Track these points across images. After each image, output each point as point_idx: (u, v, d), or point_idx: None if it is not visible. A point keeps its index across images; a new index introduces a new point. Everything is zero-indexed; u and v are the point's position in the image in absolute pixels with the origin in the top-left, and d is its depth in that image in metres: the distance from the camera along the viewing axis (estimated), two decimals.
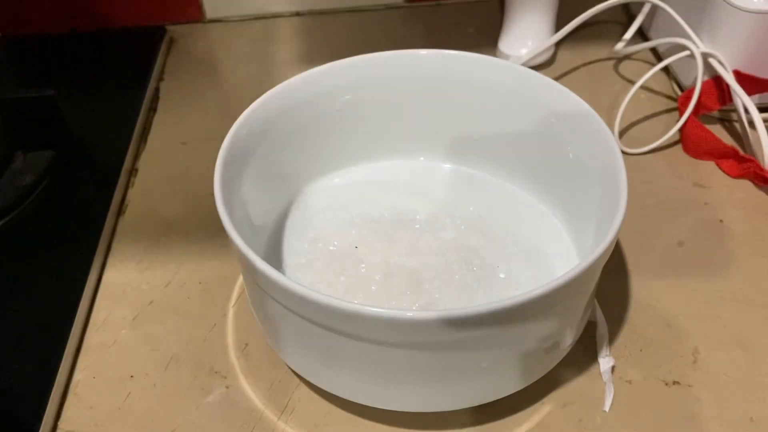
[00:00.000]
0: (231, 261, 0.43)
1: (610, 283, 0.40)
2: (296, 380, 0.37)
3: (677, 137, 0.50)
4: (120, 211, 0.47)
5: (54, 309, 0.40)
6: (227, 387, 0.37)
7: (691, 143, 0.49)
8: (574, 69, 0.57)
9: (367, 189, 0.44)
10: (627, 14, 0.62)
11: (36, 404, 0.35)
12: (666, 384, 0.36)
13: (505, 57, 0.56)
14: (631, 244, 0.43)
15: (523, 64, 0.50)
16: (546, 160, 0.40)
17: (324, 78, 0.40)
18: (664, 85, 0.55)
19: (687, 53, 0.49)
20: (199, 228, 0.46)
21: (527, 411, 0.35)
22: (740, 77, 0.48)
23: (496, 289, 0.37)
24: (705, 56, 0.49)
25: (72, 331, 0.39)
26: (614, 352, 0.37)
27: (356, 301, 0.32)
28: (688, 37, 0.49)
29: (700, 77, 0.48)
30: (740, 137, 0.50)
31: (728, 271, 0.41)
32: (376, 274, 0.38)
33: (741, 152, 0.47)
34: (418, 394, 0.33)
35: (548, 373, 0.34)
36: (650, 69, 0.51)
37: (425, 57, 0.41)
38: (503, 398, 0.34)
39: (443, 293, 0.37)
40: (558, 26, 0.55)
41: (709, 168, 0.48)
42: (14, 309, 0.40)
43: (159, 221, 0.46)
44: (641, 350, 0.37)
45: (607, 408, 0.35)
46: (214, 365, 0.38)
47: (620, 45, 0.56)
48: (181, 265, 0.43)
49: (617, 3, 0.53)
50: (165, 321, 0.40)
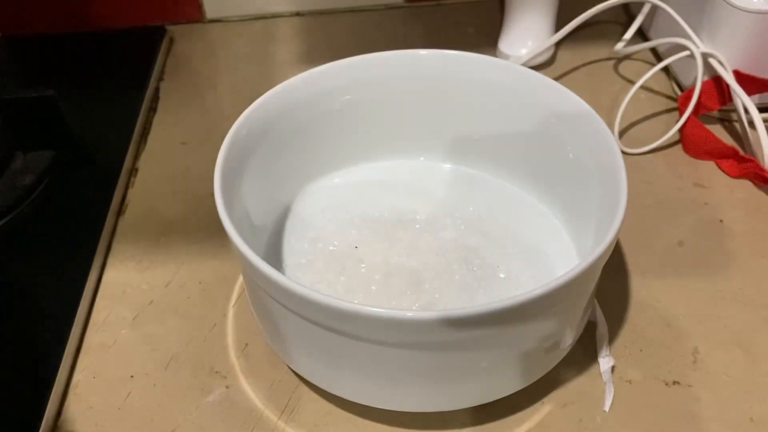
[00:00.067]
0: (231, 261, 0.43)
1: (610, 283, 0.40)
2: (296, 380, 0.37)
3: (677, 137, 0.50)
4: (120, 211, 0.47)
5: (54, 309, 0.40)
6: (227, 387, 0.37)
7: (691, 143, 0.49)
8: (574, 69, 0.57)
9: (367, 189, 0.44)
10: (627, 14, 0.62)
11: (36, 404, 0.35)
12: (666, 384, 0.36)
13: (505, 57, 0.56)
14: (631, 244, 0.43)
15: (523, 64, 0.50)
16: (546, 160, 0.40)
17: (324, 78, 0.40)
18: (664, 85, 0.55)
19: (687, 53, 0.49)
20: (199, 228, 0.46)
21: (527, 411, 0.35)
22: (740, 77, 0.48)
23: (496, 289, 0.37)
24: (705, 56, 0.49)
25: (72, 331, 0.39)
26: (614, 352, 0.37)
27: (356, 301, 0.32)
28: (688, 37, 0.49)
29: (700, 77, 0.48)
30: (740, 137, 0.50)
31: (728, 271, 0.41)
32: (376, 274, 0.38)
33: (741, 152, 0.47)
34: (418, 394, 0.33)
35: (548, 373, 0.35)
36: (650, 69, 0.51)
37: (425, 57, 0.41)
38: (503, 398, 0.34)
39: (443, 293, 0.37)
40: (558, 26, 0.55)
41: (709, 168, 0.48)
42: (14, 309, 0.40)
43: (159, 221, 0.46)
44: (641, 350, 0.37)
45: (607, 408, 0.35)
46: (214, 365, 0.38)
47: (620, 45, 0.56)
48: (181, 265, 0.43)
49: (617, 3, 0.53)
50: (165, 321, 0.40)
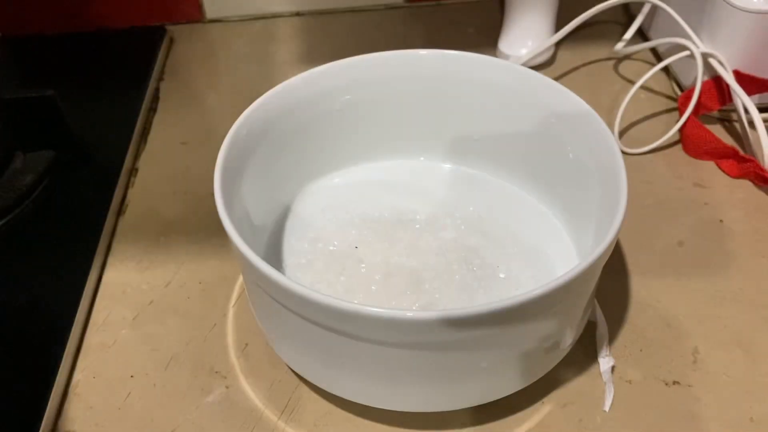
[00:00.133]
0: (231, 261, 0.43)
1: (610, 283, 0.40)
2: (296, 380, 0.37)
3: (677, 137, 0.50)
4: (120, 211, 0.47)
5: (54, 309, 0.40)
6: (227, 387, 0.37)
7: (691, 143, 0.49)
8: (574, 69, 0.57)
9: (367, 189, 0.44)
10: (627, 14, 0.62)
11: (36, 404, 0.35)
12: (666, 384, 0.36)
13: (505, 57, 0.56)
14: (631, 244, 0.43)
15: (523, 64, 0.50)
16: (546, 160, 0.40)
17: (324, 78, 0.40)
18: (664, 85, 0.55)
19: (687, 53, 0.49)
20: (199, 228, 0.46)
21: (527, 411, 0.35)
22: (740, 77, 0.48)
23: (496, 289, 0.37)
24: (705, 56, 0.49)
25: (72, 331, 0.39)
26: (614, 352, 0.37)
27: (356, 301, 0.32)
28: (688, 37, 0.49)
29: (700, 77, 0.48)
30: (740, 137, 0.50)
31: (728, 271, 0.41)
32: (376, 274, 0.38)
33: (741, 152, 0.47)
34: (418, 394, 0.33)
35: (548, 373, 0.34)
36: (650, 69, 0.51)
37: (425, 57, 0.41)
38: (503, 398, 0.34)
39: (443, 293, 0.37)
40: (558, 26, 0.55)
41: (709, 168, 0.48)
42: (14, 309, 0.40)
43: (159, 221, 0.46)
44: (641, 350, 0.37)
45: (607, 408, 0.35)
46: (214, 365, 0.38)
47: (620, 45, 0.56)
48: (181, 265, 0.43)
49: (617, 3, 0.53)
50: (165, 321, 0.40)
